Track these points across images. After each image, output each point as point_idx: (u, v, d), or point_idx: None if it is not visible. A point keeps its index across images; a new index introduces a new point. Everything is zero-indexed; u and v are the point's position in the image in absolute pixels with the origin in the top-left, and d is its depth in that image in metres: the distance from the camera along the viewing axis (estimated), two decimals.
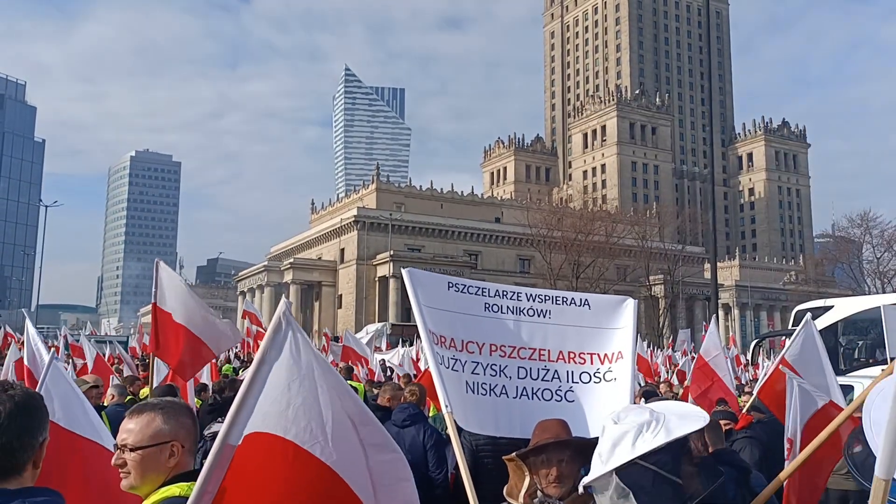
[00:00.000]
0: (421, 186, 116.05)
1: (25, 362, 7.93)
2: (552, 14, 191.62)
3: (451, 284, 4.41)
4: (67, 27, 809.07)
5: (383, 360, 27.55)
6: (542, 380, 4.32)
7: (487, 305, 4.40)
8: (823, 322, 14.68)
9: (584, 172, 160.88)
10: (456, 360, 4.15)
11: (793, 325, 16.14)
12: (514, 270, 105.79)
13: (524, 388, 4.26)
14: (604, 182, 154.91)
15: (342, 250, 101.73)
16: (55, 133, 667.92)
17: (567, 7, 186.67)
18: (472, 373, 4.17)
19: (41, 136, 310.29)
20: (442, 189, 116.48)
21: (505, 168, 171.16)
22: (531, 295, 4.53)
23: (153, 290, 8.13)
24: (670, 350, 42.27)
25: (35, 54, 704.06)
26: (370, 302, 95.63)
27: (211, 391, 12.46)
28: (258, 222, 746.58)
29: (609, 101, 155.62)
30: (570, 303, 4.53)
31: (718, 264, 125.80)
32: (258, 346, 8.77)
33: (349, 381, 14.45)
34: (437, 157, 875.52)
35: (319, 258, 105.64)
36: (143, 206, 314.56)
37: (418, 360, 24.77)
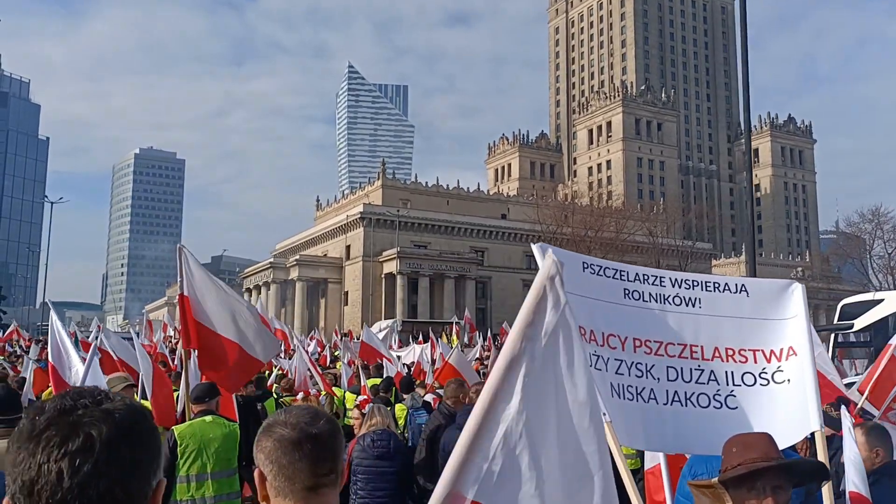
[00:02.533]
0: (427, 183, 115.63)
1: (50, 359, 7.48)
2: (556, 10, 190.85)
3: (586, 265, 3.73)
4: (73, 25, 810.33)
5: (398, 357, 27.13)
6: (697, 382, 3.65)
7: (627, 291, 3.74)
8: (873, 316, 14.20)
9: (590, 168, 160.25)
10: (598, 356, 3.50)
11: (838, 320, 15.70)
12: (521, 267, 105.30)
13: (675, 391, 3.60)
14: (609, 178, 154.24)
15: (348, 247, 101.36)
16: (60, 131, 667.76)
17: (572, 3, 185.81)
18: (616, 373, 3.54)
19: (45, 134, 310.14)
20: (448, 185, 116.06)
21: (509, 165, 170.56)
22: (676, 280, 3.87)
23: (179, 280, 7.51)
24: None
25: (40, 52, 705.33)
26: (377, 299, 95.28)
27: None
28: (262, 220, 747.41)
29: (614, 97, 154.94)
30: (724, 289, 3.87)
31: (725, 260, 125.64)
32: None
33: (374, 380, 14.03)
34: (441, 154, 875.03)
35: (325, 255, 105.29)
36: (148, 204, 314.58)
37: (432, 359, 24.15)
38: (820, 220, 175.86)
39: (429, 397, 11.99)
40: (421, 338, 38.11)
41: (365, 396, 11.90)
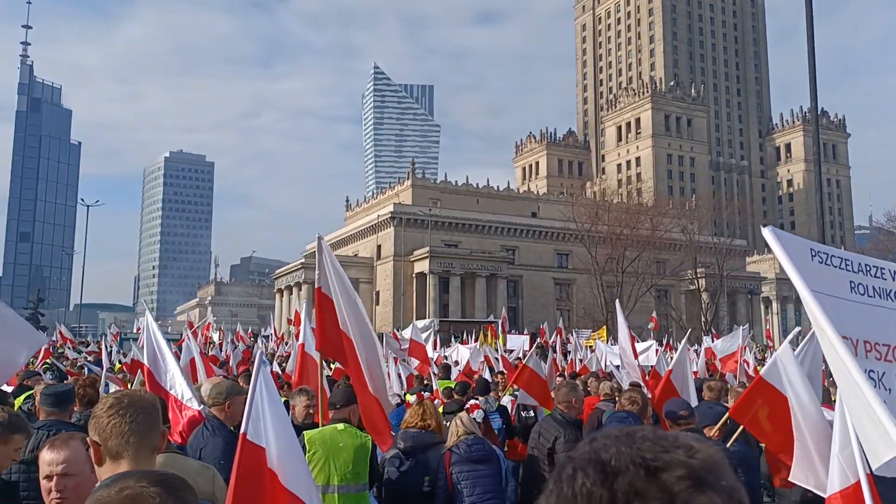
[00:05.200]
0: (457, 182, 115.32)
1: (145, 362, 7.22)
2: (583, 6, 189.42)
3: (814, 252, 3.30)
4: (107, 30, 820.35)
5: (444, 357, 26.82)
6: None
7: (853, 284, 3.28)
8: None
9: (619, 166, 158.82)
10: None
11: None
12: (553, 265, 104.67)
13: None
14: (639, 175, 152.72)
15: (379, 247, 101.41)
16: (92, 135, 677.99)
17: None
18: None
19: (77, 139, 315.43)
20: (478, 184, 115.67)
21: (537, 163, 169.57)
22: None
23: (316, 273, 6.92)
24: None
25: (72, 57, 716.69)
26: (408, 298, 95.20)
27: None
28: (292, 220, 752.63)
29: (643, 94, 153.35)
30: None
31: (758, 257, 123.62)
32: (303, 350, 7.72)
33: (446, 381, 13.68)
34: (467, 153, 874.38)
35: (356, 255, 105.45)
36: (178, 206, 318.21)
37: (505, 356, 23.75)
38: (854, 214, 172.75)
39: (505, 400, 11.61)
40: (465, 337, 37.74)
41: (439, 400, 11.59)
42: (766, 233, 3.19)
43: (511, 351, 31.78)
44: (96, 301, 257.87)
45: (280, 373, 15.39)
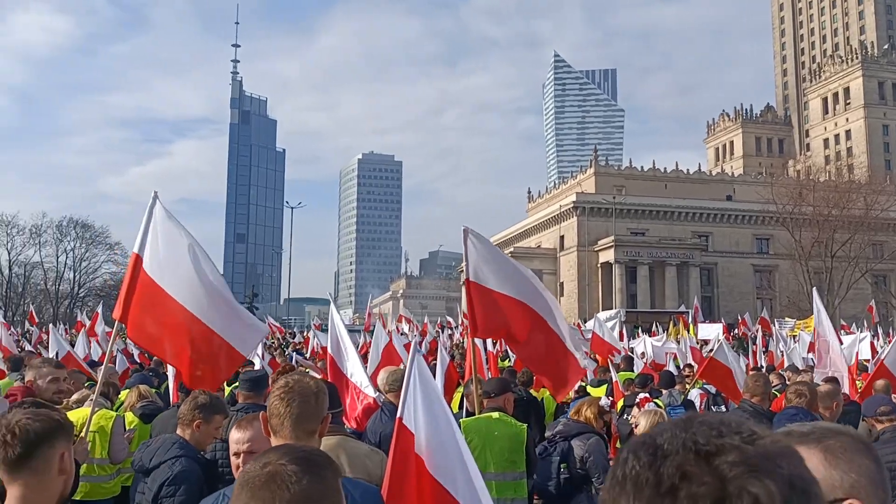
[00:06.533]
0: (642, 167, 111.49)
1: (329, 350, 7.72)
2: None
3: None
4: (305, 42, 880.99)
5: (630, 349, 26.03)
6: None
7: None
8: None
9: (825, 141, 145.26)
10: None
11: None
12: (751, 251, 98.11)
13: None
14: (849, 150, 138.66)
15: (562, 237, 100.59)
16: (294, 142, 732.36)
17: None
18: None
19: (282, 146, 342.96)
20: (665, 168, 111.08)
21: (731, 142, 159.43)
22: None
23: (464, 265, 7.01)
24: None
25: (276, 71, 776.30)
26: (593, 289, 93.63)
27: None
28: (476, 213, 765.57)
29: (852, 60, 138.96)
30: None
31: None
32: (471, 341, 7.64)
33: (627, 373, 13.28)
34: (655, 137, 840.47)
35: (538, 246, 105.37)
36: (371, 205, 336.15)
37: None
38: None
39: (693, 394, 11.05)
40: (654, 329, 36.42)
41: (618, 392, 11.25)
42: None
43: (706, 342, 30.25)
44: (303, 295, 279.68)
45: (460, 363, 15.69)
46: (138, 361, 16.19)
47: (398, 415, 3.52)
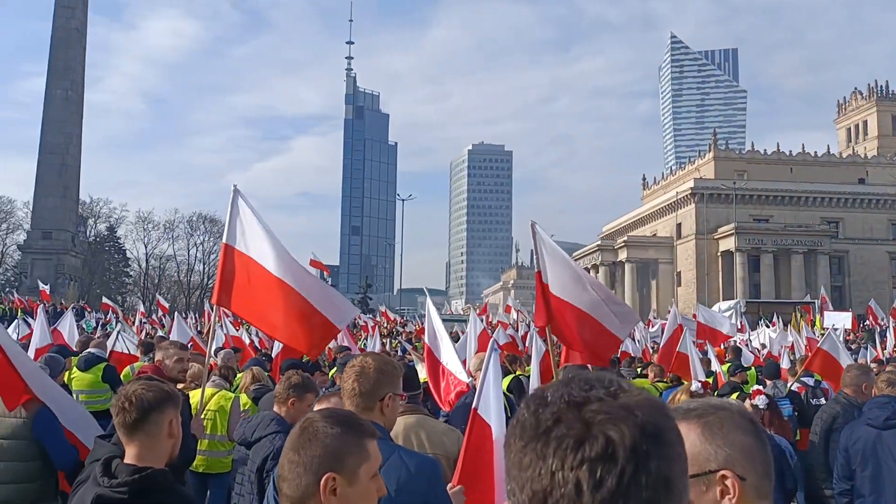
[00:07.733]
0: (766, 150, 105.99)
1: (426, 339, 8.04)
2: None
3: None
4: (417, 36, 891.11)
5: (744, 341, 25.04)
6: None
7: None
8: None
9: None
10: None
11: None
12: (887, 238, 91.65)
13: None
14: None
15: (678, 225, 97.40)
16: (406, 134, 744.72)
17: None
18: None
19: (394, 140, 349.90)
20: (791, 151, 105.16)
21: (865, 122, 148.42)
22: None
23: (534, 259, 7.25)
24: None
25: (388, 65, 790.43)
26: (713, 278, 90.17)
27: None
28: (588, 201, 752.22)
29: None
30: None
31: None
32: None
33: (728, 364, 12.85)
34: (780, 117, 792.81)
35: (654, 234, 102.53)
36: (481, 196, 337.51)
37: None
38: None
39: (795, 386, 10.60)
40: (775, 319, 34.83)
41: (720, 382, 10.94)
42: None
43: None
44: (415, 286, 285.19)
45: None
46: (259, 347, 17.17)
47: (473, 405, 3.69)
